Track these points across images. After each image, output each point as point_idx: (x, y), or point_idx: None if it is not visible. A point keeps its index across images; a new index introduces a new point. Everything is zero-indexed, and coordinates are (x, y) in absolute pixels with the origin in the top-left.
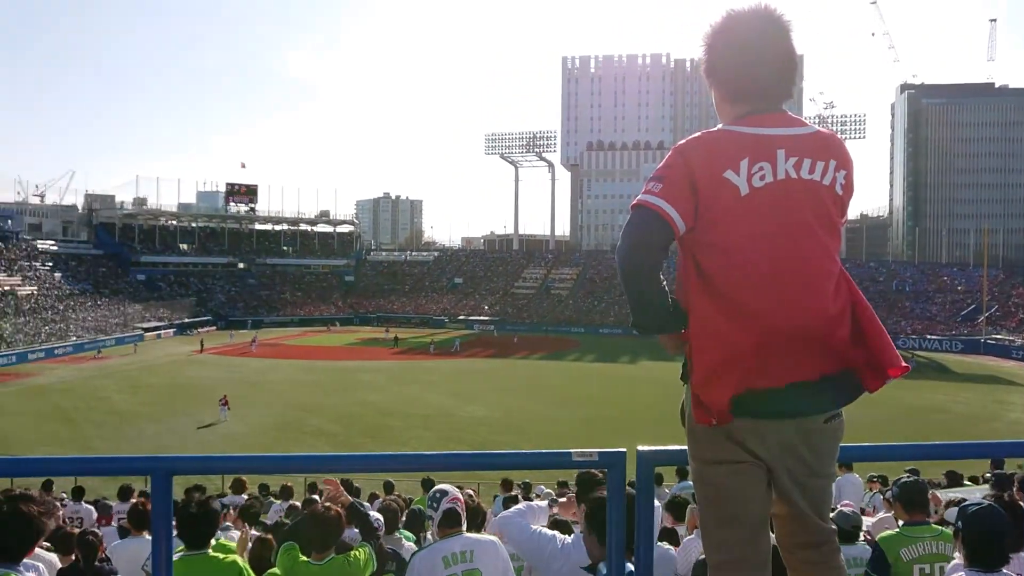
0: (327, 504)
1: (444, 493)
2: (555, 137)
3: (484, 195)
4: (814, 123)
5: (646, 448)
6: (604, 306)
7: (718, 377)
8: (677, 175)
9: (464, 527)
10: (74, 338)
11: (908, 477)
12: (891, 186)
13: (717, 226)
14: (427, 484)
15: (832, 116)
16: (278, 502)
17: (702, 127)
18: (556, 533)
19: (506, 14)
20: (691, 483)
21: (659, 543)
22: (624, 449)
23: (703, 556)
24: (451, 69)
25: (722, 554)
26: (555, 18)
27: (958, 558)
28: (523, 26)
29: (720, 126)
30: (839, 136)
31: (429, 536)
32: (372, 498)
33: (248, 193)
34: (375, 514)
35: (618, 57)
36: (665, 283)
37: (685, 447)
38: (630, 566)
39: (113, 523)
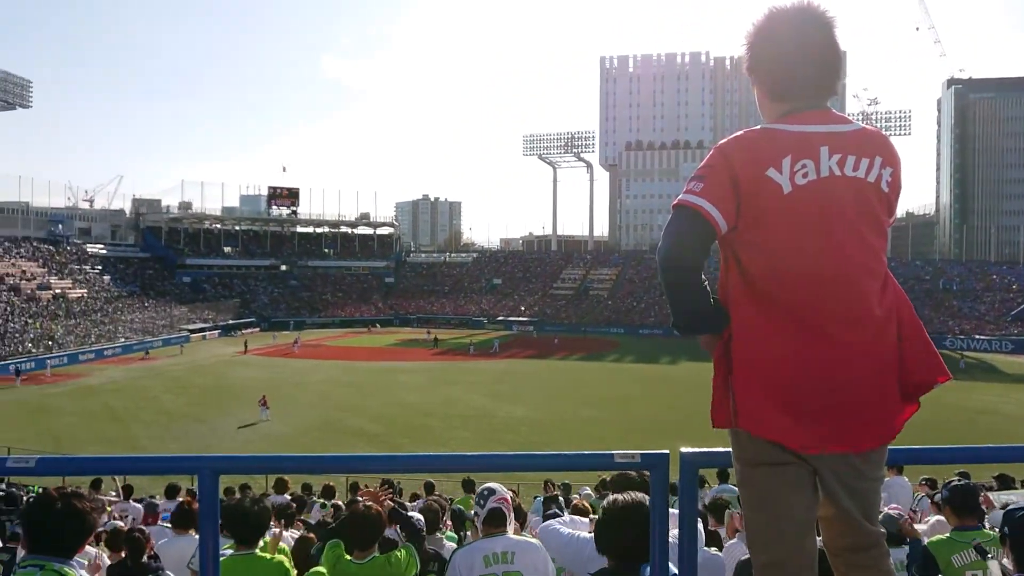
0: (368, 503)
1: (492, 492)
2: (593, 137)
3: (522, 196)
4: (858, 120)
5: (689, 450)
6: (644, 306)
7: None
8: (718, 174)
9: (509, 528)
10: (123, 339)
11: (958, 480)
12: (937, 183)
13: (759, 225)
14: (468, 485)
15: (876, 113)
16: (320, 502)
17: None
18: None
19: (544, 15)
20: (731, 486)
21: (705, 548)
22: (667, 451)
23: (746, 557)
24: (489, 71)
25: (768, 556)
26: (593, 18)
27: (1007, 563)
28: (561, 27)
29: (762, 124)
30: (885, 133)
31: (471, 536)
32: (414, 498)
33: (290, 196)
34: (416, 514)
35: (656, 56)
36: (707, 283)
37: (728, 449)
38: (674, 568)
39: (160, 521)
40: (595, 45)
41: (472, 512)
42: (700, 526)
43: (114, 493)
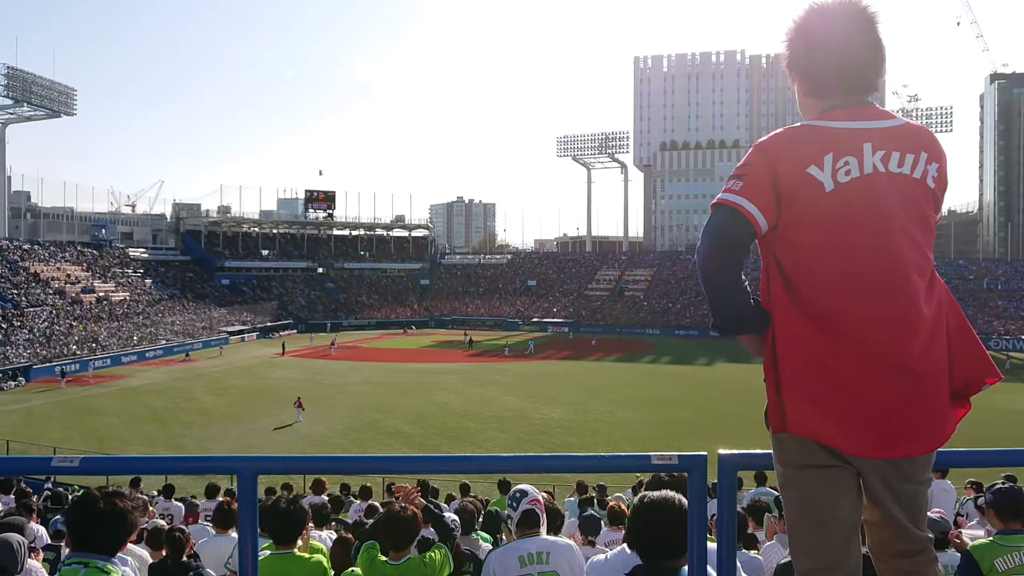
0: (403, 504)
1: (524, 493)
2: (627, 138)
3: (557, 197)
4: (899, 116)
5: (728, 451)
6: (679, 307)
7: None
8: (758, 172)
9: (543, 529)
10: (163, 341)
11: (1003, 484)
12: (980, 181)
13: (800, 224)
14: (504, 486)
15: (917, 109)
16: (357, 502)
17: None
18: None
19: (577, 16)
20: (769, 488)
21: (745, 550)
22: (704, 453)
23: (785, 560)
24: (523, 72)
25: (811, 561)
26: (626, 19)
27: None
28: (594, 28)
29: (803, 122)
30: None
31: (506, 537)
32: (449, 499)
33: (326, 199)
34: (451, 515)
35: (691, 55)
36: (747, 283)
37: (767, 451)
38: (713, 572)
39: (200, 520)
40: (628, 45)
41: (506, 514)
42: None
43: (156, 492)
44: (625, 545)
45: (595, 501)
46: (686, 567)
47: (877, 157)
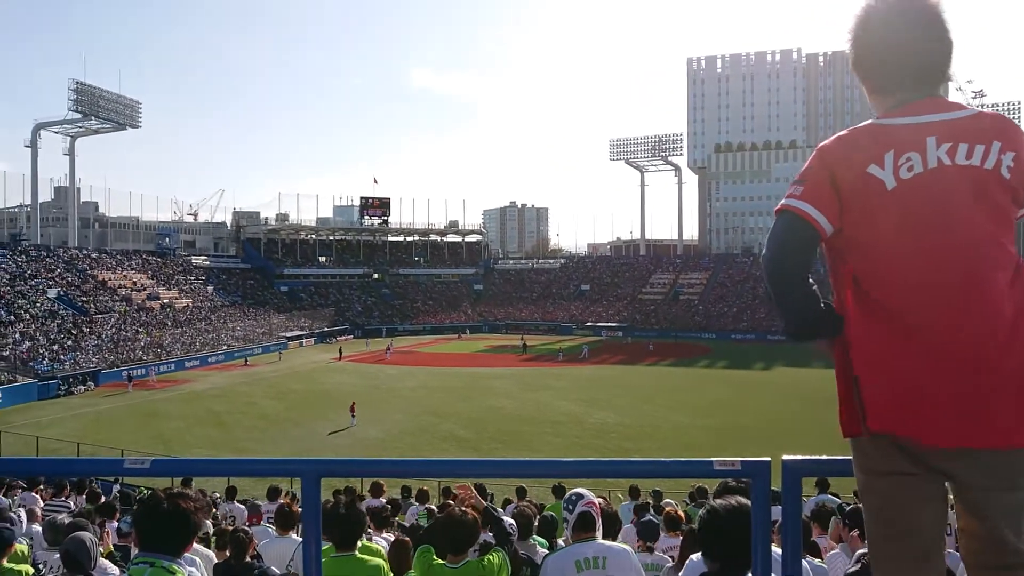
0: (463, 508)
1: (580, 496)
2: (681, 140)
3: (610, 201)
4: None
5: (791, 457)
6: (736, 311)
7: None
8: (818, 175)
9: (599, 533)
10: (225, 347)
11: None
12: None
13: (864, 224)
14: (559, 490)
15: (983, 105)
16: (415, 505)
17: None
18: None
19: (629, 18)
20: (831, 495)
21: (809, 557)
22: (768, 458)
23: (852, 569)
24: (574, 76)
25: (889, 571)
26: (679, 20)
27: None
28: (646, 29)
29: (869, 120)
30: (1008, 117)
31: (561, 543)
32: (505, 503)
33: (381, 206)
34: (508, 519)
35: (745, 55)
36: (815, 287)
37: (832, 457)
38: None
39: (262, 522)
40: (681, 46)
41: (563, 518)
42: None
43: (217, 494)
44: (695, 556)
45: (650, 507)
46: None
47: (942, 150)
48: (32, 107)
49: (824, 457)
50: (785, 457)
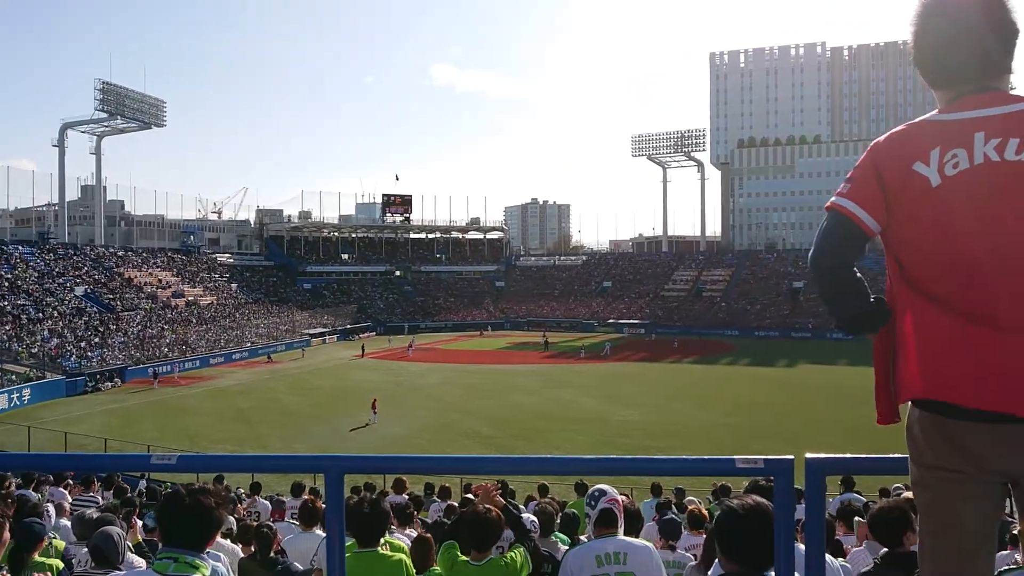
0: (487, 506)
1: (603, 493)
2: (704, 135)
3: (632, 197)
4: None
5: (815, 455)
6: (759, 308)
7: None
8: (864, 173)
9: (620, 529)
10: (249, 344)
11: None
12: None
13: (912, 222)
14: (581, 488)
15: None
16: (438, 501)
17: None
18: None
19: (651, 13)
20: (855, 494)
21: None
22: (791, 456)
23: (865, 569)
24: (596, 72)
25: (935, 566)
26: (701, 15)
27: None
28: (668, 25)
29: (923, 115)
30: None
31: (584, 539)
32: (528, 500)
33: (403, 204)
34: (530, 516)
35: (769, 50)
36: (863, 281)
37: (857, 455)
38: None
39: (286, 518)
40: (704, 42)
41: (586, 514)
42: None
43: (241, 490)
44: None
45: (672, 504)
46: (773, 574)
47: (990, 146)
48: (59, 107)
49: (848, 456)
50: (808, 455)
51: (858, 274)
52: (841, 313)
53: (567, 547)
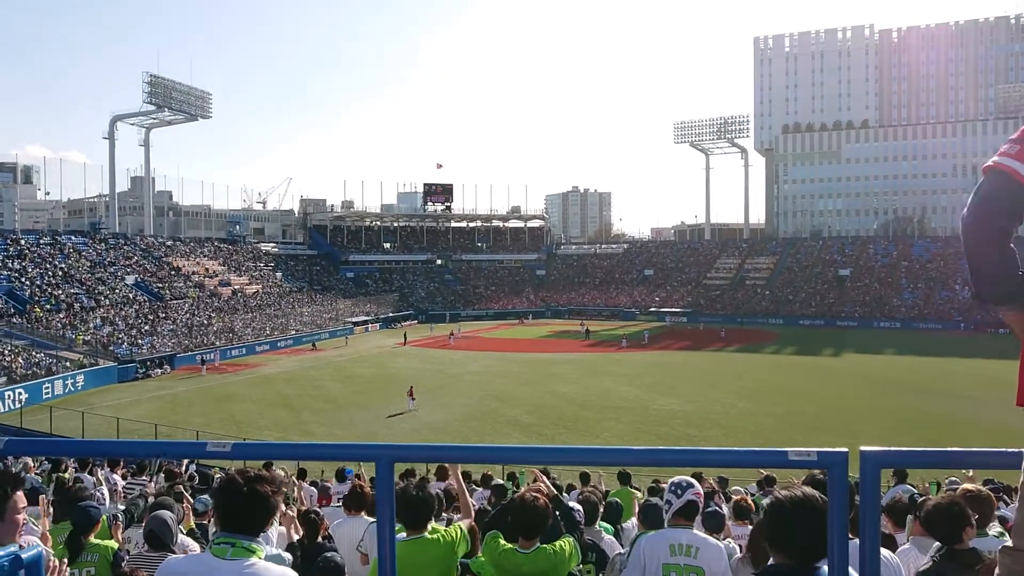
0: (535, 494)
1: (690, 485)
2: (748, 121)
3: (674, 184)
4: None
5: (871, 448)
6: (804, 296)
7: None
8: None
9: (695, 524)
10: (293, 332)
11: None
12: None
13: None
14: (623, 477)
15: None
16: (479, 490)
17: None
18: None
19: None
20: (909, 486)
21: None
22: (845, 449)
23: (924, 567)
24: (638, 58)
25: None
26: None
27: None
28: (711, 9)
29: None
30: None
31: (627, 525)
32: (569, 488)
33: (444, 192)
34: (576, 505)
35: (815, 33)
36: (1017, 254)
37: (912, 448)
38: (855, 574)
39: (333, 503)
40: (748, 26)
41: (665, 501)
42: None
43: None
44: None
45: (717, 493)
46: (826, 567)
47: None
48: (109, 100)
49: (906, 449)
50: (863, 448)
51: (1010, 243)
52: (988, 285)
53: (610, 536)
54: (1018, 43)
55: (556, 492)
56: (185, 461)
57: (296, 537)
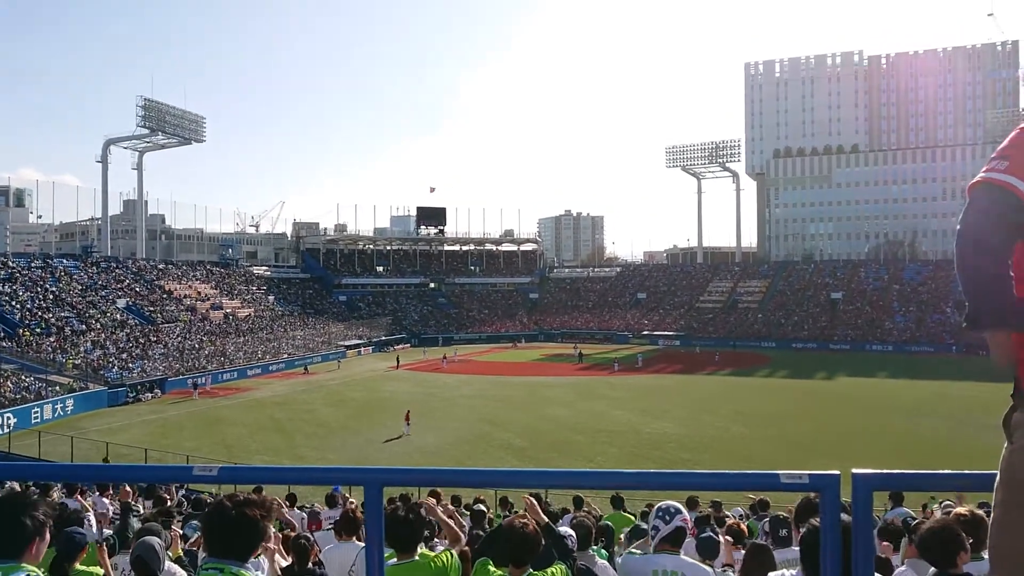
0: (524, 521)
1: (678, 510)
2: (739, 146)
3: (666, 208)
4: None
5: (863, 471)
6: (796, 319)
7: None
8: None
9: (682, 550)
10: (285, 355)
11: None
12: None
13: None
14: (617, 501)
15: None
16: (470, 514)
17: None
18: None
19: (684, 22)
20: (906, 509)
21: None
22: (837, 472)
23: None
24: (630, 83)
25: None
26: (735, 24)
27: None
28: (702, 34)
29: None
30: None
31: (625, 551)
32: (563, 513)
33: (437, 216)
34: (568, 530)
35: (805, 59)
36: (1012, 275)
37: (905, 471)
38: None
39: (323, 528)
40: (738, 51)
41: (652, 526)
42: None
43: (276, 501)
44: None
45: (711, 518)
46: None
47: None
48: (102, 123)
49: (897, 471)
50: (855, 470)
51: (1007, 263)
52: (984, 303)
53: (604, 560)
54: (1004, 69)
55: (548, 518)
56: (175, 486)
57: (283, 565)
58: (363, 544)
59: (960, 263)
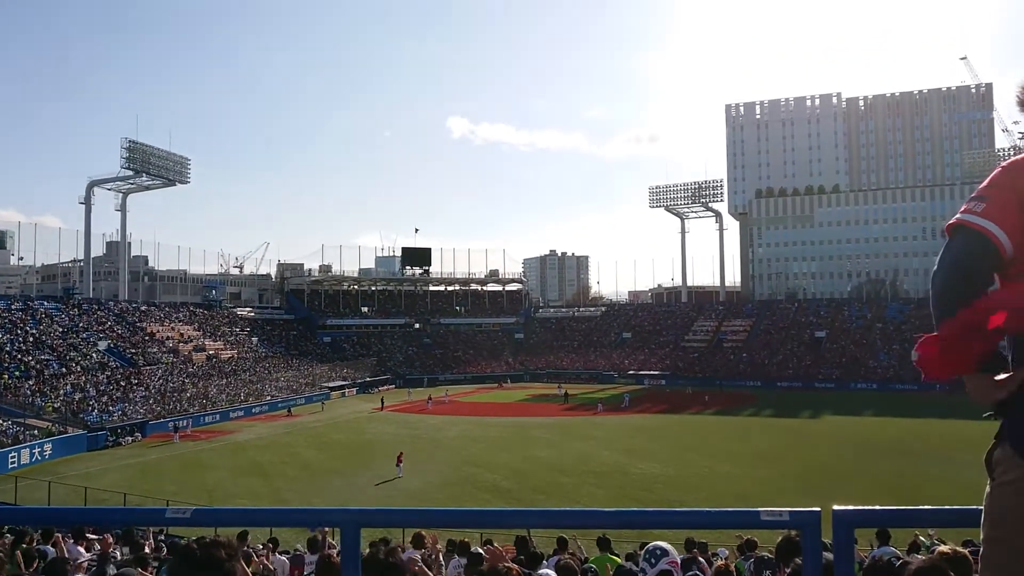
0: (508, 565)
1: (665, 552)
2: (721, 186)
3: (650, 248)
4: (1008, 156)
5: (843, 508)
6: (781, 358)
7: None
8: (1003, 193)
9: None
10: (268, 397)
11: None
12: None
13: None
14: (603, 542)
15: None
16: (456, 559)
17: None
18: None
19: (665, 67)
20: (891, 548)
21: None
22: (818, 508)
23: None
24: (612, 122)
25: None
26: (716, 67)
27: None
28: (684, 77)
29: None
30: None
31: None
32: (554, 553)
33: (422, 257)
34: (552, 573)
35: (784, 100)
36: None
37: (887, 507)
38: None
39: (305, 573)
40: (719, 93)
41: (639, 569)
42: None
43: (260, 545)
44: None
45: (699, 560)
46: None
47: None
48: (85, 165)
49: (878, 508)
50: (836, 507)
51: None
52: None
53: None
54: (979, 111)
55: (532, 560)
56: (152, 532)
57: None
58: None
59: (933, 310)
